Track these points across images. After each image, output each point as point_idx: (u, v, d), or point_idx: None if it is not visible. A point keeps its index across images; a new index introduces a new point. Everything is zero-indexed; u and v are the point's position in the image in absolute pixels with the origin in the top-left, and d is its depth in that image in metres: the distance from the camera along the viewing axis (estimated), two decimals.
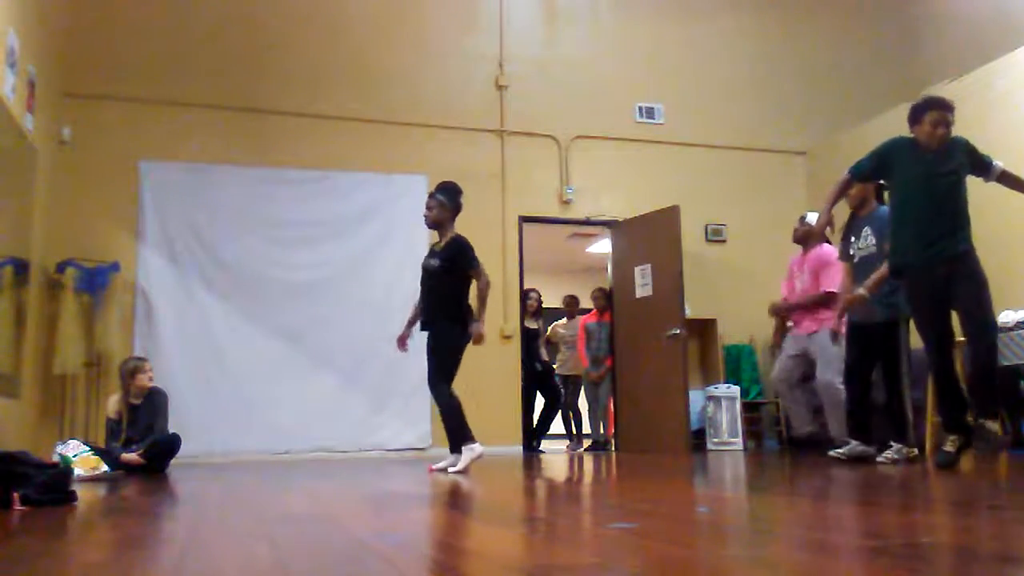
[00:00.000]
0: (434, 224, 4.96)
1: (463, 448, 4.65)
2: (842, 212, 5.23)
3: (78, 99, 7.05)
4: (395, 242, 7.49)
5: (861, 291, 4.72)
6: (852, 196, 5.02)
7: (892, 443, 4.71)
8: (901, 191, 4.38)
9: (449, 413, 4.74)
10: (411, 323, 5.03)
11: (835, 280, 5.36)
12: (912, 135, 4.38)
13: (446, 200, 4.91)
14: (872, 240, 4.91)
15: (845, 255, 5.12)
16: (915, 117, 4.37)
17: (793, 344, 5.78)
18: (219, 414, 6.84)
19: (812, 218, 5.79)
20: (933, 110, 4.31)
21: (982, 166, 4.37)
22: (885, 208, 4.93)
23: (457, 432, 4.71)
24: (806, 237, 5.79)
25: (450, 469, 4.63)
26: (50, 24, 6.62)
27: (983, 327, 4.07)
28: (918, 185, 4.29)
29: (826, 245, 5.60)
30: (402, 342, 5.04)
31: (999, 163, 4.37)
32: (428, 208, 4.96)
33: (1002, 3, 8.14)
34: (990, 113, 6.76)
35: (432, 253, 4.94)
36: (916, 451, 4.78)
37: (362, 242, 7.48)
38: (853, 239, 5.02)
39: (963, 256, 4.17)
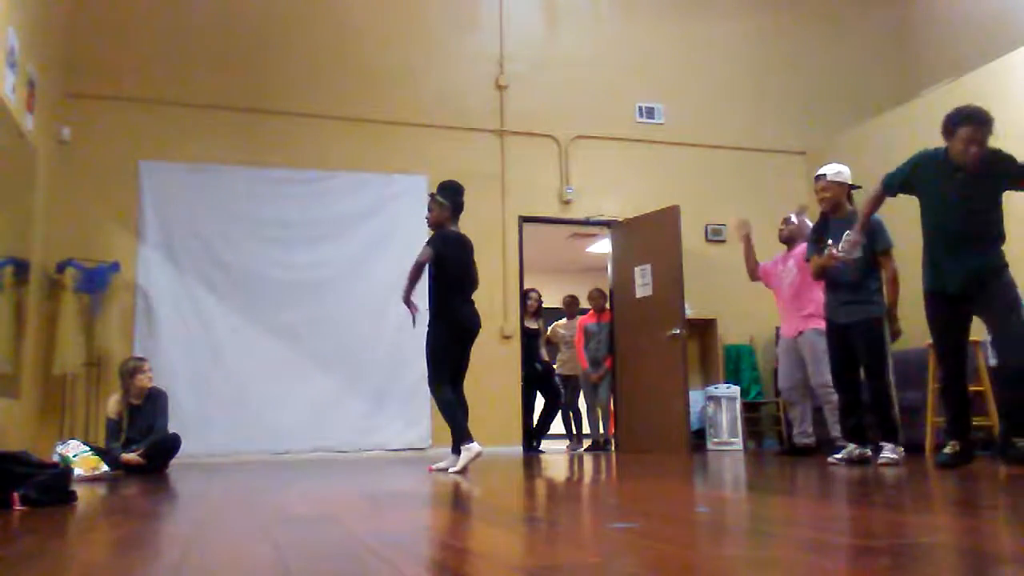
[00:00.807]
0: (435, 225, 4.94)
1: (461, 448, 4.64)
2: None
3: (78, 99, 7.05)
4: (395, 242, 7.49)
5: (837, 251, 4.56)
6: (827, 200, 4.92)
7: (883, 444, 4.67)
8: (928, 210, 4.14)
9: (443, 411, 4.75)
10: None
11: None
12: (946, 146, 4.09)
13: (445, 200, 4.90)
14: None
15: (815, 253, 5.04)
16: (948, 129, 4.02)
17: (786, 348, 5.86)
18: (219, 414, 6.84)
19: (796, 219, 5.90)
20: (966, 124, 3.94)
21: (1021, 176, 4.00)
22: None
23: (454, 431, 4.71)
24: (792, 238, 5.88)
25: (450, 469, 4.63)
26: (50, 24, 6.62)
27: (1014, 344, 3.91)
28: (947, 204, 4.05)
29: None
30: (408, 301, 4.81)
31: None
32: (428, 209, 4.96)
33: (1002, 3, 8.14)
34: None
35: None
36: (903, 451, 4.73)
37: (362, 242, 7.48)
38: (830, 242, 4.89)
39: (996, 272, 4.01)
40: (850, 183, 4.98)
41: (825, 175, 4.97)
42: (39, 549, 1.91)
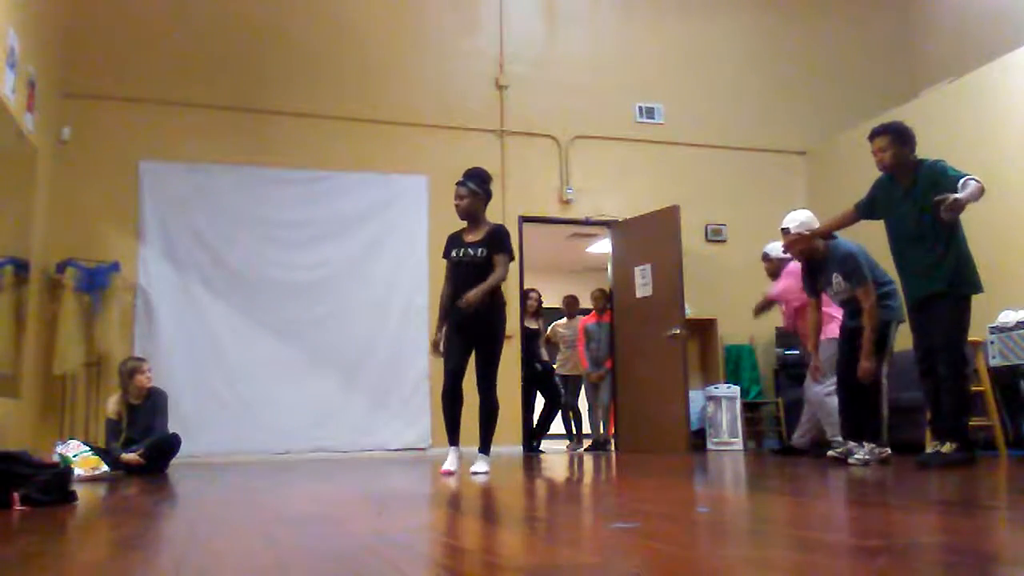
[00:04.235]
0: (467, 214, 4.64)
1: (478, 457, 4.53)
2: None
3: (78, 99, 7.04)
4: (395, 242, 7.49)
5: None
6: (801, 252, 4.94)
7: (864, 443, 4.70)
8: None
9: (495, 418, 4.56)
10: (442, 323, 4.64)
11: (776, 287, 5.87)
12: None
13: (478, 188, 4.63)
14: (844, 285, 4.78)
15: (811, 292, 5.07)
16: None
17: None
18: (219, 414, 6.84)
19: (773, 247, 5.94)
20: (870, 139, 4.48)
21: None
22: (836, 242, 4.87)
23: (490, 437, 4.58)
24: (777, 271, 5.96)
25: (479, 471, 4.41)
26: (50, 24, 6.62)
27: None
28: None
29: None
30: (437, 347, 4.61)
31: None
32: (459, 197, 4.62)
33: (1002, 3, 8.14)
34: (989, 113, 6.76)
35: (465, 244, 4.61)
36: (880, 452, 4.72)
37: (362, 242, 7.48)
38: (825, 287, 4.92)
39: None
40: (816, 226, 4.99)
41: (789, 229, 4.98)
42: (39, 549, 1.91)
